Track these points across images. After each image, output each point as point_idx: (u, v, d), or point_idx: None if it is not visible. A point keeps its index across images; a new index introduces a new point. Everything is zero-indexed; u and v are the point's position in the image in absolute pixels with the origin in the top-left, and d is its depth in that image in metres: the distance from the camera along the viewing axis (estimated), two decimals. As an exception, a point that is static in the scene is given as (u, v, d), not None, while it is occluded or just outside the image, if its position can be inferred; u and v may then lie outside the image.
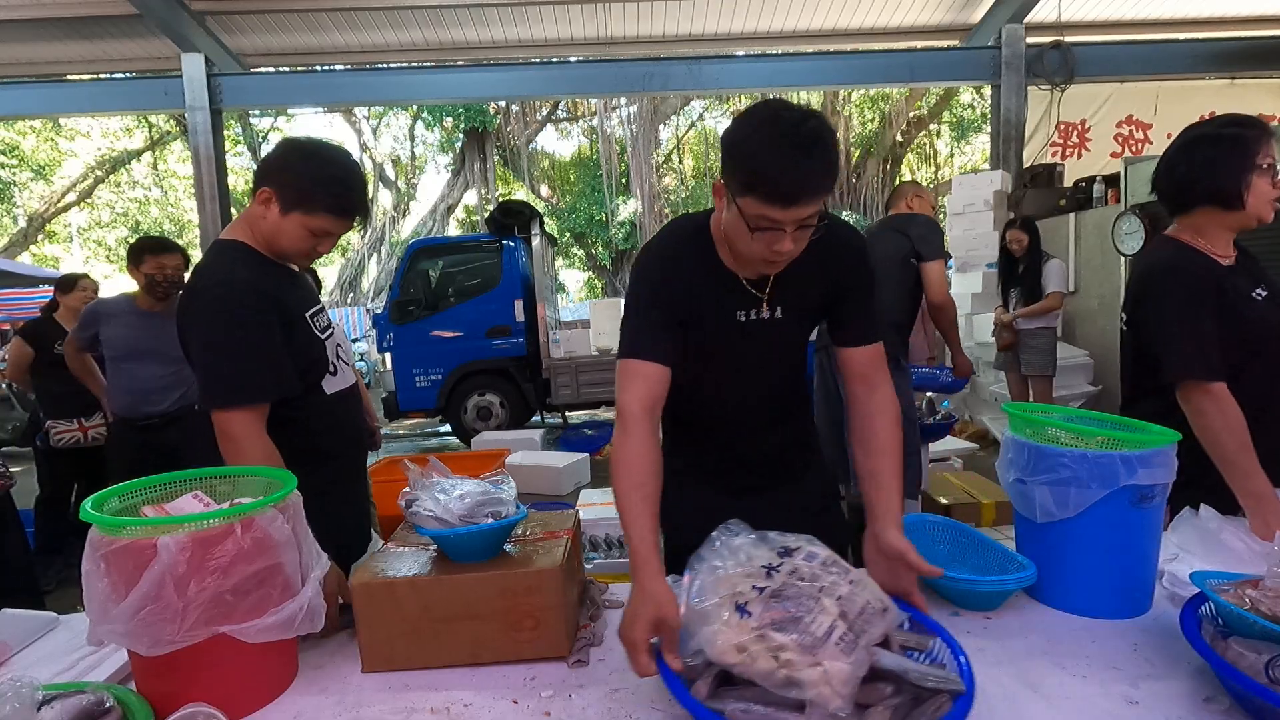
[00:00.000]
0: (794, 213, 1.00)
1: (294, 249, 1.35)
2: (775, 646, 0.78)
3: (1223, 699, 0.87)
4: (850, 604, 0.83)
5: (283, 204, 1.31)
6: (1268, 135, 1.37)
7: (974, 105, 16.39)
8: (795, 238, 1.04)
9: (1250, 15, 7.19)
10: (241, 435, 1.19)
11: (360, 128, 17.94)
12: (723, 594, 0.85)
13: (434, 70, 7.34)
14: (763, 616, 0.81)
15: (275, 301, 1.29)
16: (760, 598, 0.83)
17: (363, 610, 1.02)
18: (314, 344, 1.36)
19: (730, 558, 0.90)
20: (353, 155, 1.42)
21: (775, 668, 0.77)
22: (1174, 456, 1.10)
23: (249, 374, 1.22)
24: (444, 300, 7.28)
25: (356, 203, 1.38)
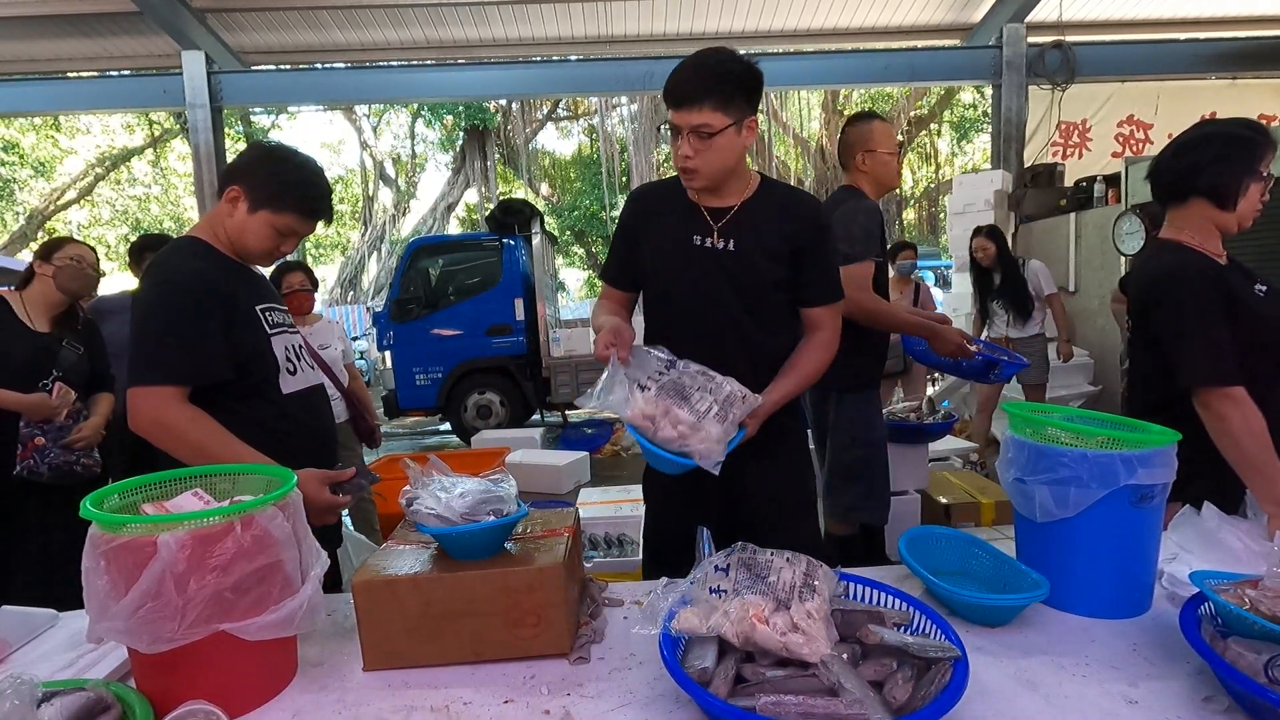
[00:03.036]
0: (683, 116, 1.31)
1: (258, 247, 1.40)
2: (675, 420, 1.18)
3: (1222, 699, 0.87)
4: (719, 392, 1.23)
5: (251, 202, 1.36)
6: (1273, 147, 1.40)
7: (975, 105, 16.38)
8: (692, 144, 1.32)
9: (1252, 15, 7.18)
10: (162, 416, 1.21)
11: (360, 125, 17.92)
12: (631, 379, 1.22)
13: (434, 68, 7.33)
14: (661, 396, 1.21)
15: (219, 290, 1.32)
16: (657, 385, 1.22)
17: (364, 608, 1.02)
18: (258, 338, 1.38)
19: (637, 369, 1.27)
20: (319, 164, 1.48)
21: (675, 437, 1.17)
22: (1174, 456, 1.10)
23: (167, 353, 1.24)
24: (444, 299, 7.28)
25: (323, 206, 1.44)
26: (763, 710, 0.77)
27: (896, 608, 1.00)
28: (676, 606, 0.93)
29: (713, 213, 1.44)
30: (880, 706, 0.80)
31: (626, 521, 3.45)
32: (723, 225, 1.43)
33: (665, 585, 0.98)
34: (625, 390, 1.21)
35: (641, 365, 1.27)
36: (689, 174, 1.37)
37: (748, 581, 0.93)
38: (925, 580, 1.14)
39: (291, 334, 1.49)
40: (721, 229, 1.43)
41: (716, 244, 1.43)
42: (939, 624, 0.93)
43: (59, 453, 2.21)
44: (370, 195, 18.43)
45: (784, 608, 0.89)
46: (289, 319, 1.52)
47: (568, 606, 1.04)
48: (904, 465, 2.74)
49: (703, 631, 0.88)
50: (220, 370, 1.29)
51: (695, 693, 0.81)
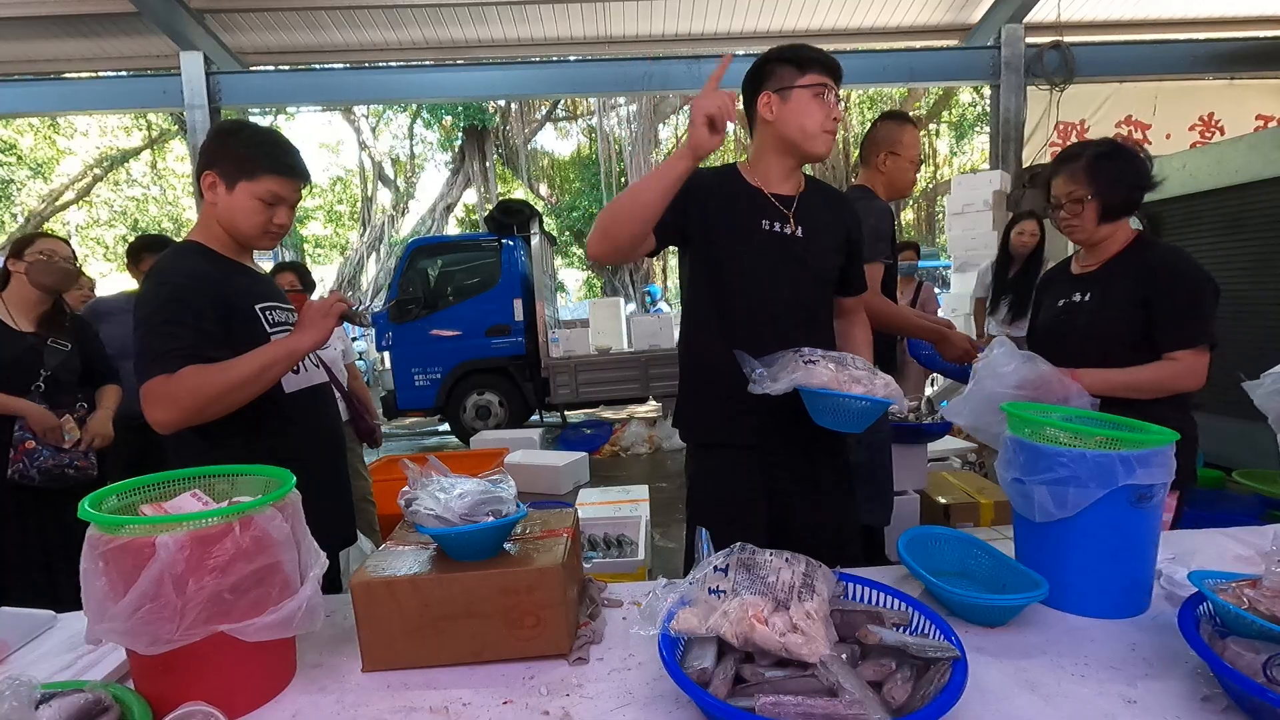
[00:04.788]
0: (836, 82, 1.46)
1: (250, 224, 1.40)
2: (853, 378, 1.29)
3: (1220, 698, 0.87)
4: (853, 362, 1.34)
5: (227, 181, 1.37)
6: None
7: (974, 105, 16.40)
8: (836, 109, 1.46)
9: (1249, 16, 7.19)
10: (163, 390, 1.22)
11: (359, 126, 17.90)
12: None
13: (433, 69, 7.33)
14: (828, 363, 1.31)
15: (215, 288, 1.33)
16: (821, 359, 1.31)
17: (363, 609, 1.02)
18: (257, 336, 1.38)
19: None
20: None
21: (862, 389, 1.28)
22: (1172, 456, 1.11)
23: (169, 343, 1.25)
24: (443, 299, 7.28)
25: (295, 160, 1.43)
26: (762, 710, 0.77)
27: (895, 608, 1.00)
28: (675, 607, 0.93)
29: (779, 199, 1.50)
30: (879, 707, 0.80)
31: (626, 522, 3.45)
32: (795, 211, 1.50)
33: (664, 586, 0.98)
34: (798, 368, 1.30)
35: (787, 364, 1.32)
36: (832, 134, 1.47)
37: (747, 582, 0.93)
38: (924, 580, 1.14)
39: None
40: (795, 214, 1.50)
41: (786, 229, 1.49)
42: (938, 624, 0.93)
43: (50, 454, 2.19)
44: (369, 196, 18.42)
45: (783, 608, 0.89)
46: (291, 317, 1.52)
47: (567, 607, 1.04)
48: (903, 465, 2.74)
49: (702, 632, 0.88)
50: (219, 356, 1.29)
51: (694, 693, 0.81)
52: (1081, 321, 1.70)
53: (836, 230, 1.56)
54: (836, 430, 1.36)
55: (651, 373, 7.19)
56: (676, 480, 5.56)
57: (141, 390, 1.24)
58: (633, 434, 6.87)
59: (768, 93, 1.47)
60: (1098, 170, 1.65)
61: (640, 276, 16.70)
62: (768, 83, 1.47)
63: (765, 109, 1.47)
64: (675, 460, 6.31)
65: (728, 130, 1.24)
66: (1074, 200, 1.67)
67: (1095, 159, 1.67)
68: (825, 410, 1.33)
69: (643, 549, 3.16)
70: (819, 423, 1.36)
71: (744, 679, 0.86)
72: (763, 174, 1.52)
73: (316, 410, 1.51)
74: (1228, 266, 4.34)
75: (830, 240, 1.54)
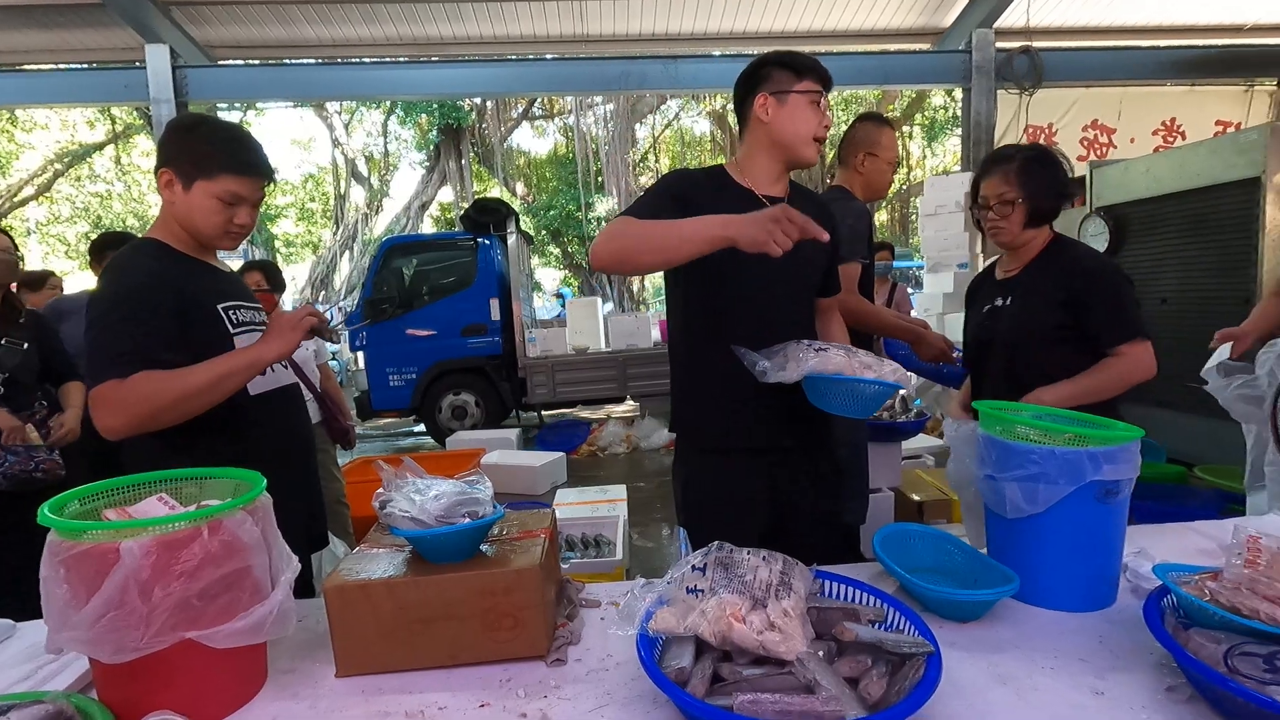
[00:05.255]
0: (827, 92, 1.48)
1: (209, 224, 1.34)
2: (863, 363, 1.30)
3: (1184, 688, 0.90)
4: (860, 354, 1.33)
5: (184, 179, 1.32)
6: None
7: (945, 107, 16.65)
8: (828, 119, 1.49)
9: (1210, 24, 7.40)
10: (114, 395, 1.18)
11: (332, 123, 17.62)
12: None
13: (408, 66, 7.24)
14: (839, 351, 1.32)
15: (174, 286, 1.28)
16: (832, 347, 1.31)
17: (336, 613, 1.00)
18: (219, 337, 1.34)
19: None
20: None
21: (873, 374, 1.29)
22: (1138, 453, 1.13)
23: (123, 346, 1.20)
24: (418, 298, 7.20)
25: (255, 158, 1.37)
26: (740, 709, 0.77)
27: (871, 604, 1.01)
28: (654, 607, 0.93)
29: (769, 200, 1.50)
30: (856, 703, 0.80)
31: (604, 522, 3.45)
32: None
33: (642, 586, 0.98)
34: (811, 355, 1.32)
35: (795, 354, 1.34)
36: (821, 141, 1.50)
37: (724, 581, 0.93)
38: (899, 577, 1.15)
39: (260, 331, 1.46)
40: None
41: None
42: (913, 620, 0.94)
43: (15, 460, 2.13)
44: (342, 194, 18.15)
45: (761, 606, 0.89)
46: (259, 316, 1.48)
47: (545, 608, 1.04)
48: (878, 463, 2.77)
49: (680, 631, 0.88)
50: (173, 358, 1.25)
51: (673, 693, 0.81)
52: (1003, 326, 1.71)
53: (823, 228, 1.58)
54: (843, 415, 1.38)
55: (629, 372, 7.19)
56: (654, 480, 5.56)
57: (90, 394, 1.20)
58: (610, 434, 6.86)
59: (764, 95, 1.48)
60: (1029, 174, 1.66)
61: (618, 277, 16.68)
62: (764, 85, 1.48)
63: (761, 110, 1.49)
64: (653, 460, 6.32)
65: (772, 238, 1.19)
66: (1004, 202, 1.68)
67: (1028, 162, 1.68)
68: (838, 396, 1.34)
69: (620, 549, 3.16)
70: (827, 409, 1.37)
71: (722, 677, 0.86)
72: (753, 176, 1.53)
73: (284, 412, 1.48)
74: (1191, 267, 4.47)
75: (816, 244, 1.53)
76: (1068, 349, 1.63)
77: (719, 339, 1.47)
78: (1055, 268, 1.67)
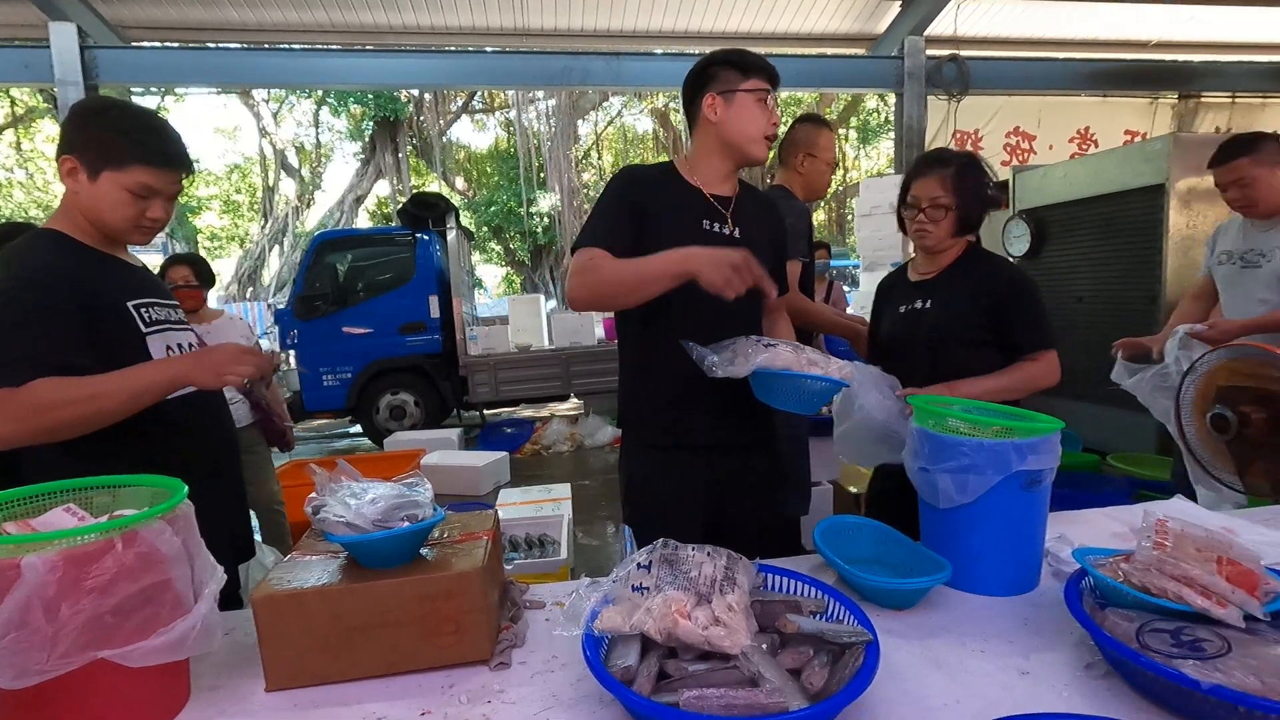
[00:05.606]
0: (774, 89, 1.50)
1: (118, 217, 1.24)
2: (810, 359, 1.33)
3: (1101, 665, 0.95)
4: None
5: (89, 168, 1.21)
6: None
7: (878, 111, 17.20)
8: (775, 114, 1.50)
9: (1118, 39, 7.88)
10: (4, 404, 1.08)
11: (259, 111, 16.85)
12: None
13: (339, 54, 6.97)
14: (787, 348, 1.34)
15: (76, 283, 1.18)
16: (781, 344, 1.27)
17: (266, 624, 0.95)
18: (129, 337, 1.25)
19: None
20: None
21: (820, 371, 1.31)
22: (1058, 443, 1.19)
23: (12, 353, 1.10)
24: (353, 295, 6.98)
25: (173, 149, 1.27)
26: (686, 705, 0.78)
27: (812, 596, 1.03)
28: (599, 606, 0.92)
29: (718, 200, 1.52)
30: (798, 693, 0.82)
31: (548, 522, 3.42)
32: (732, 213, 1.52)
33: (587, 585, 0.97)
34: (760, 351, 1.33)
35: (743, 350, 1.36)
36: (772, 139, 1.52)
37: (669, 577, 0.94)
38: (838, 568, 1.18)
39: (177, 331, 1.37)
40: (732, 216, 1.52)
41: (724, 230, 1.51)
42: (852, 610, 0.97)
43: None
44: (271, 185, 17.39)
45: (705, 602, 0.90)
46: (175, 314, 1.39)
47: (488, 612, 1.02)
48: (818, 458, 2.84)
49: (626, 630, 0.88)
50: (80, 363, 1.16)
51: (619, 692, 0.81)
52: (927, 326, 1.75)
53: (768, 233, 1.61)
54: (789, 411, 1.40)
55: (573, 370, 7.15)
56: (599, 478, 5.55)
57: None
58: (554, 432, 6.81)
59: (712, 95, 1.48)
60: (964, 181, 1.69)
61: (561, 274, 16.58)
62: (712, 85, 1.49)
63: (710, 110, 1.49)
64: (598, 458, 6.31)
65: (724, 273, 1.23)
66: (936, 206, 1.69)
67: (963, 169, 1.70)
68: (784, 392, 1.36)
69: (565, 548, 3.14)
70: (773, 405, 1.39)
71: (668, 674, 0.86)
72: (702, 174, 1.53)
73: (207, 414, 1.39)
74: (1104, 267, 4.76)
75: (764, 242, 1.56)
76: (986, 350, 1.69)
77: (667, 336, 1.47)
78: (976, 274, 1.72)
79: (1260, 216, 2.31)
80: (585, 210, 16.03)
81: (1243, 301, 2.33)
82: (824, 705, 0.78)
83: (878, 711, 0.86)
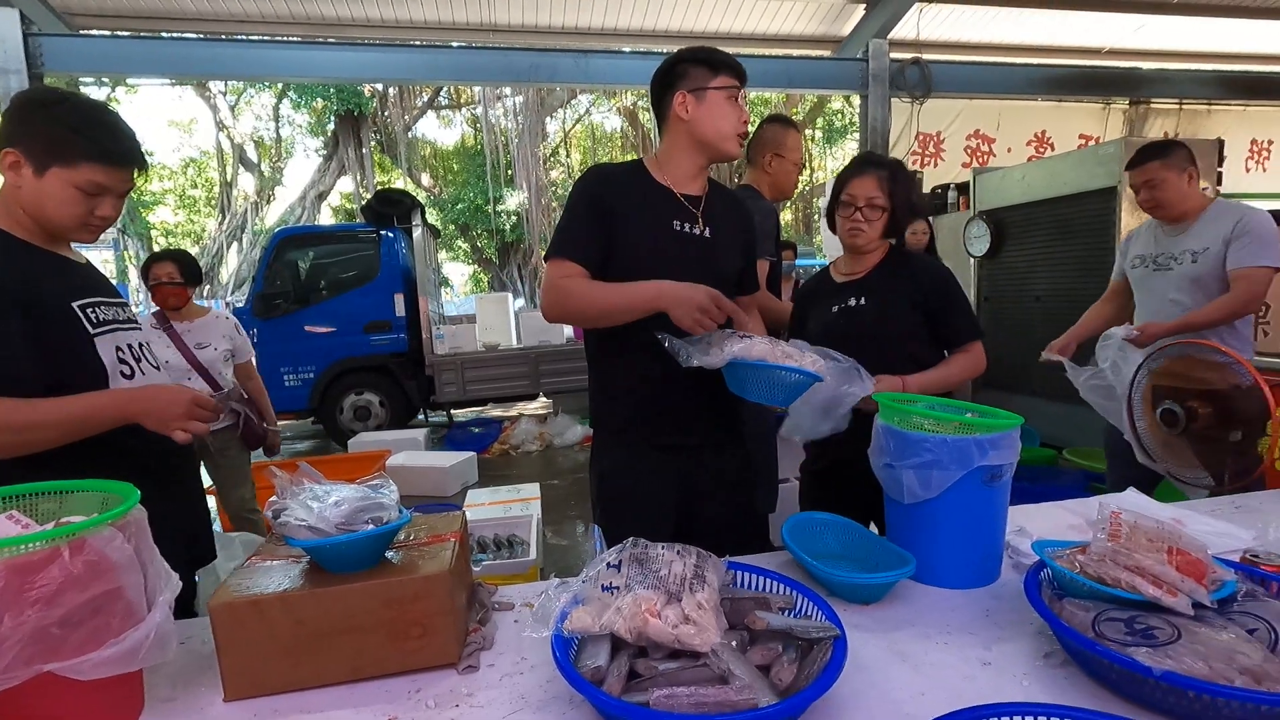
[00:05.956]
0: (743, 86, 1.51)
1: (65, 215, 1.19)
2: (785, 352, 1.31)
3: (1059, 654, 0.98)
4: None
5: (35, 162, 1.15)
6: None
7: (843, 112, 17.44)
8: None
9: (1073, 46, 8.12)
10: None
11: (216, 104, 16.35)
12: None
13: (300, 46, 6.80)
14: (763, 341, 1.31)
15: (16, 283, 1.13)
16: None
17: (224, 633, 0.93)
18: (77, 339, 1.20)
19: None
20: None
21: (795, 363, 1.27)
22: (1018, 439, 1.22)
23: None
24: (315, 293, 6.83)
25: (126, 146, 1.22)
26: (656, 704, 0.78)
27: (781, 592, 1.04)
28: (569, 607, 0.92)
29: (688, 199, 1.52)
30: (768, 689, 0.82)
31: (517, 522, 3.39)
32: (702, 212, 1.52)
33: (557, 585, 0.97)
34: (735, 342, 1.32)
35: (719, 341, 1.36)
36: (743, 138, 1.52)
37: (639, 576, 0.93)
38: (805, 564, 1.20)
39: (127, 331, 1.31)
40: (702, 215, 1.52)
41: (694, 230, 1.51)
42: (820, 605, 0.98)
43: None
44: (229, 180, 16.90)
45: (675, 600, 0.90)
46: (124, 314, 1.33)
47: (455, 615, 1.00)
48: (785, 454, 2.87)
49: (595, 630, 0.88)
50: (22, 370, 1.11)
51: (588, 692, 0.81)
52: (867, 323, 1.77)
53: (738, 232, 1.61)
54: (763, 404, 1.40)
55: (542, 369, 7.10)
56: (569, 477, 5.53)
57: None
58: (523, 431, 6.76)
59: (682, 93, 1.47)
60: (898, 184, 1.74)
61: (529, 272, 16.47)
62: (682, 82, 1.48)
63: (680, 108, 1.48)
64: (567, 457, 6.28)
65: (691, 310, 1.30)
66: (873, 206, 1.72)
67: (897, 172, 1.75)
68: (759, 384, 1.35)
69: (534, 549, 3.12)
70: (747, 397, 1.39)
71: (638, 673, 0.86)
72: (672, 173, 1.52)
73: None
74: (1060, 267, 4.90)
75: (734, 241, 1.58)
76: (919, 344, 1.76)
77: (636, 334, 1.47)
78: (905, 273, 1.77)
79: (1168, 219, 2.44)
80: (554, 208, 15.96)
81: (1156, 302, 2.46)
82: (792, 701, 0.78)
83: (845, 705, 0.87)
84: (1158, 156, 2.37)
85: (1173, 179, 2.35)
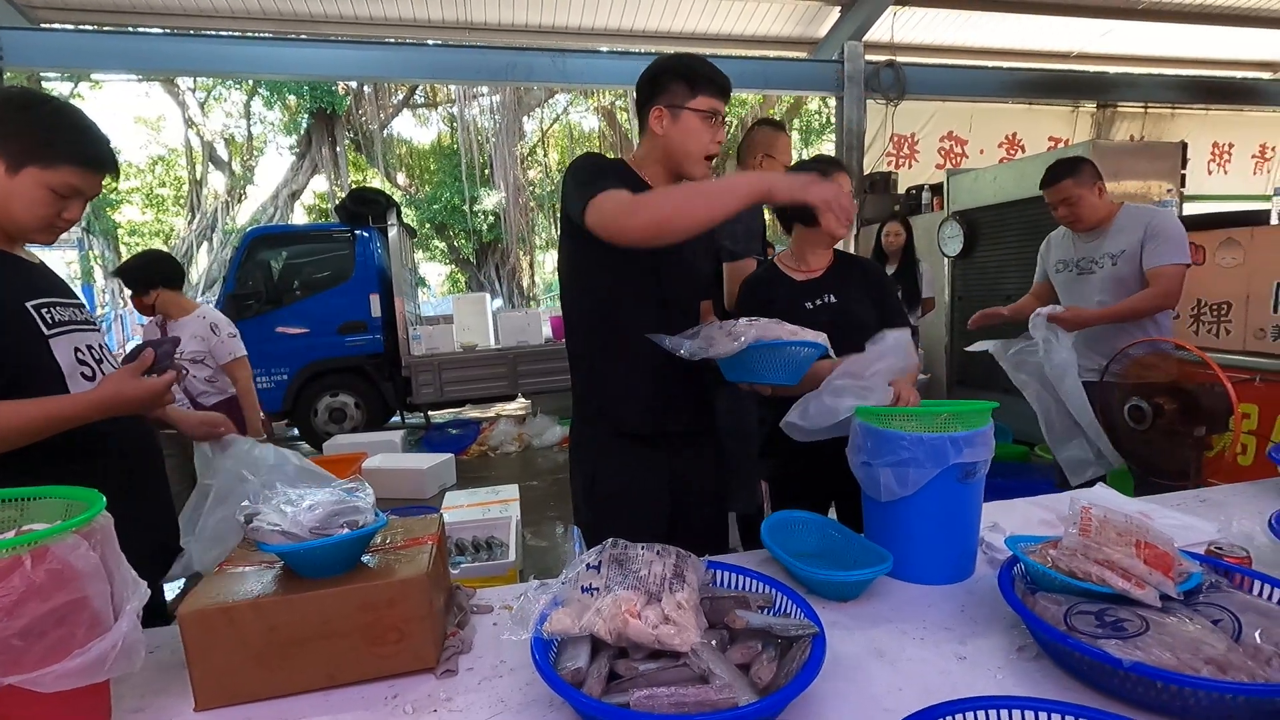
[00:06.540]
0: (725, 105, 1.48)
1: (33, 216, 1.18)
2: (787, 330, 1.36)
3: (1032, 647, 0.99)
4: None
5: (10, 161, 1.14)
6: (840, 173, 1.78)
7: (820, 113, 17.59)
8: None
9: (1042, 50, 8.28)
10: None
11: (185, 100, 16.00)
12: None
13: (272, 42, 6.69)
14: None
15: None
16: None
17: (194, 641, 0.91)
18: (32, 339, 1.18)
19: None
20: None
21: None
22: (991, 436, 1.24)
23: None
24: (288, 294, 6.71)
25: (103, 151, 1.23)
26: (636, 705, 0.77)
27: (760, 591, 1.05)
28: (548, 608, 0.91)
29: None
30: (748, 688, 0.83)
31: (495, 524, 3.37)
32: None
33: (536, 587, 0.96)
34: (743, 330, 1.34)
35: (717, 334, 1.39)
36: (714, 156, 1.51)
37: (619, 577, 0.93)
38: (784, 562, 1.20)
39: (85, 332, 1.28)
40: None
41: None
42: (799, 603, 0.98)
43: None
44: (198, 179, 16.55)
45: (655, 600, 0.90)
46: (81, 314, 1.30)
47: (433, 618, 0.99)
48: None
49: (575, 631, 0.87)
50: None
51: (568, 694, 0.80)
52: (841, 318, 1.80)
53: (710, 238, 1.65)
54: (774, 384, 1.43)
55: (520, 369, 7.06)
56: (548, 478, 5.51)
57: None
58: (501, 433, 6.72)
59: (659, 108, 1.47)
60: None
61: (507, 272, 16.36)
62: (660, 97, 1.47)
63: (655, 123, 1.49)
64: (546, 458, 6.25)
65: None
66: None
67: (844, 179, 1.78)
68: (772, 364, 1.39)
69: (513, 550, 3.10)
70: (755, 380, 1.43)
71: (619, 674, 0.86)
72: (650, 177, 1.55)
73: (121, 422, 1.31)
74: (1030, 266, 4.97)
75: (703, 243, 1.60)
76: (871, 333, 1.80)
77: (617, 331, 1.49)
78: (855, 270, 1.87)
79: (1084, 230, 2.60)
80: (531, 208, 15.88)
81: (1082, 304, 2.58)
82: (772, 699, 0.79)
83: (824, 702, 0.88)
84: (1069, 174, 2.52)
85: (1086, 194, 2.50)
